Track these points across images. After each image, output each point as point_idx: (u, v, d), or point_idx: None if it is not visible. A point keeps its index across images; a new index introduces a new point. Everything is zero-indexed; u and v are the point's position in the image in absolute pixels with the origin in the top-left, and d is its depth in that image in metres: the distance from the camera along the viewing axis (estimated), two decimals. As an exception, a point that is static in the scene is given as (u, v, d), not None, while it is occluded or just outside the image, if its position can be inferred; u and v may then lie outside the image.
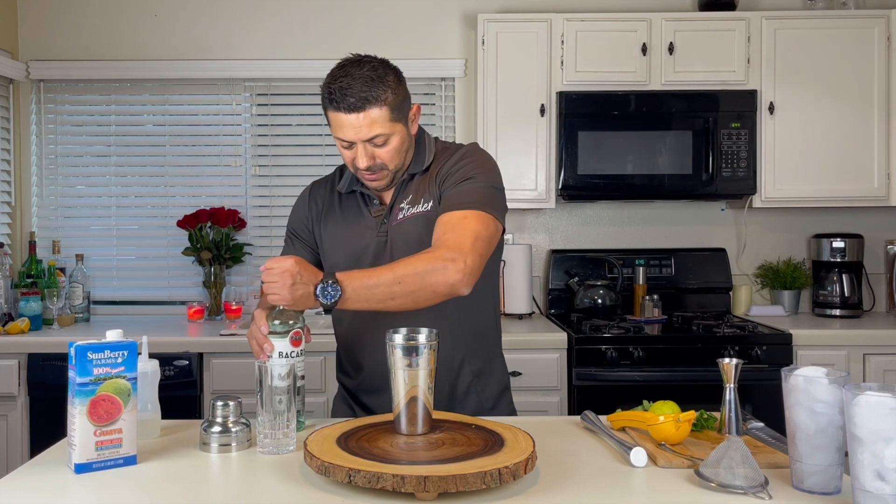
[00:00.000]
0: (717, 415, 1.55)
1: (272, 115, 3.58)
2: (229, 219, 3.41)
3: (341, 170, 1.82)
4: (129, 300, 3.56)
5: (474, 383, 1.74)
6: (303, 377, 1.51)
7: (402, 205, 1.70)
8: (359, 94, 1.57)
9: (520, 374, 2.83)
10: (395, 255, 1.65)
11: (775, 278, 3.46)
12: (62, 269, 3.32)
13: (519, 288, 3.29)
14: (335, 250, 1.75)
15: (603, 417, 1.57)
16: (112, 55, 3.52)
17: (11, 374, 2.84)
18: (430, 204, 1.68)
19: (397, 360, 1.35)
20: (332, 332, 1.83)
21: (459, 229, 1.54)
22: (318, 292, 1.42)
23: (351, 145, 1.62)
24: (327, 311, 1.45)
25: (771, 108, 3.22)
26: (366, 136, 1.59)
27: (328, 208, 1.79)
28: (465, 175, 1.64)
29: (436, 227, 1.58)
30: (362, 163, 1.62)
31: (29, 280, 3.24)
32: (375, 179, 1.66)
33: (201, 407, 2.86)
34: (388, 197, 1.73)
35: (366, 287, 1.45)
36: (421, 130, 1.77)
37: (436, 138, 1.80)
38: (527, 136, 3.23)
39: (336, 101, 1.59)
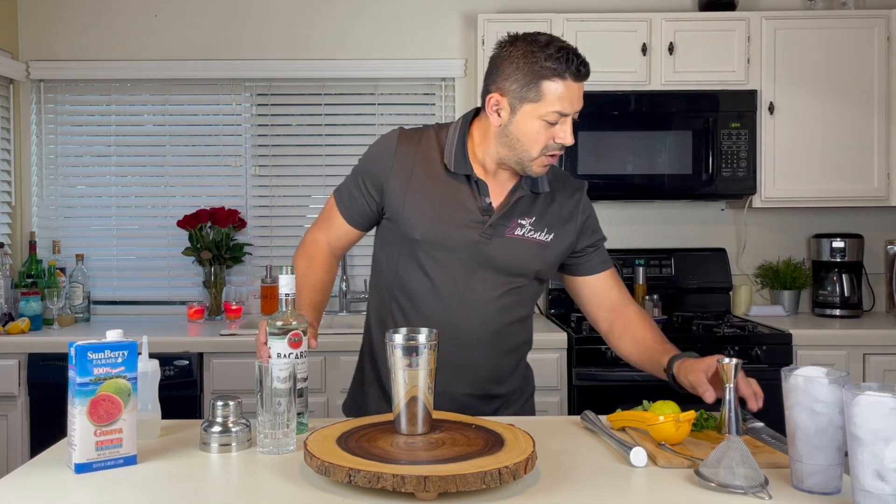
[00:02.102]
0: (717, 415, 1.55)
1: (272, 115, 3.58)
2: (229, 219, 3.40)
3: (437, 136, 1.68)
4: (129, 300, 3.56)
5: (508, 399, 1.78)
6: (305, 379, 1.50)
7: (522, 220, 1.65)
8: (585, 60, 1.52)
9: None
10: (494, 264, 1.63)
11: (775, 278, 3.46)
12: (62, 269, 3.32)
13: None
14: (423, 225, 1.63)
15: (603, 417, 1.57)
16: (112, 55, 3.52)
17: (11, 374, 2.84)
18: (552, 237, 1.67)
19: (397, 360, 1.35)
20: (332, 331, 1.84)
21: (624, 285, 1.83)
22: None
23: (557, 121, 1.54)
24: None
25: (771, 108, 3.22)
26: (581, 105, 1.55)
27: (419, 174, 1.64)
28: (601, 234, 1.79)
29: (611, 281, 1.78)
30: (571, 138, 1.56)
31: (29, 280, 3.24)
32: (553, 164, 1.62)
33: (201, 407, 2.86)
34: (497, 196, 1.65)
35: None
36: None
37: None
38: (527, 136, 3.22)
39: (565, 70, 1.49)
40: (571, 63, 1.49)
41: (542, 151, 1.57)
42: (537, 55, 1.50)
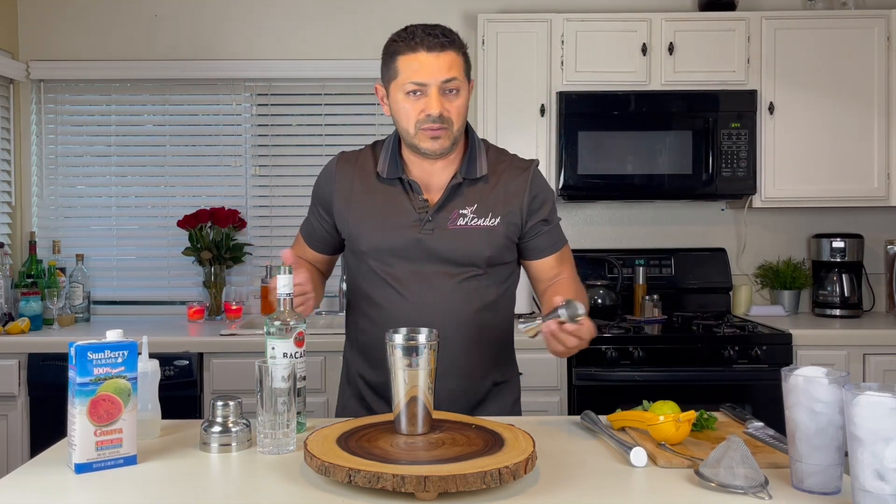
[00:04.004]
0: (717, 415, 1.55)
1: (272, 115, 3.58)
2: (229, 219, 3.41)
3: (373, 150, 1.74)
4: (129, 300, 3.56)
5: (493, 392, 1.77)
6: (304, 378, 1.50)
7: (463, 210, 1.66)
8: (442, 36, 1.58)
9: (520, 374, 2.82)
10: (441, 257, 1.64)
11: (775, 278, 3.46)
12: (62, 269, 3.32)
13: (519, 288, 3.27)
14: (366, 236, 1.68)
15: (603, 417, 1.57)
16: (112, 55, 3.52)
17: (11, 374, 2.84)
18: (498, 220, 1.67)
19: (397, 360, 1.35)
20: (332, 331, 1.84)
21: (571, 261, 1.78)
22: None
23: (421, 92, 1.58)
24: None
25: (771, 108, 3.22)
26: (444, 76, 1.57)
27: (358, 189, 1.70)
28: (553, 216, 1.74)
29: (556, 262, 1.74)
30: (436, 108, 1.57)
31: (29, 280, 3.24)
32: (440, 137, 1.60)
33: (201, 407, 2.86)
34: (434, 194, 1.68)
35: None
36: (470, 127, 1.75)
37: (483, 140, 1.76)
38: (527, 136, 3.22)
39: (416, 42, 1.57)
40: (417, 38, 1.58)
41: (417, 126, 1.61)
42: (393, 38, 1.63)
